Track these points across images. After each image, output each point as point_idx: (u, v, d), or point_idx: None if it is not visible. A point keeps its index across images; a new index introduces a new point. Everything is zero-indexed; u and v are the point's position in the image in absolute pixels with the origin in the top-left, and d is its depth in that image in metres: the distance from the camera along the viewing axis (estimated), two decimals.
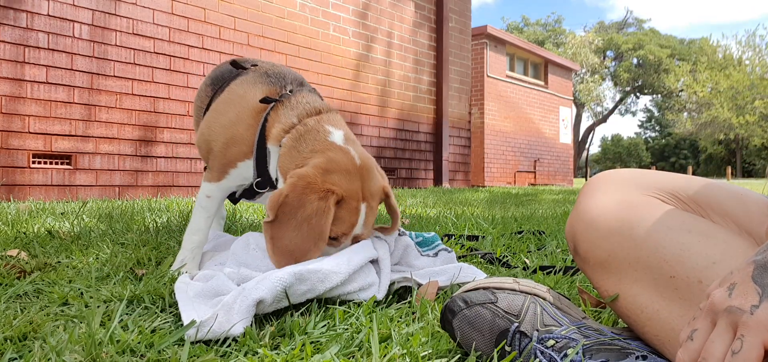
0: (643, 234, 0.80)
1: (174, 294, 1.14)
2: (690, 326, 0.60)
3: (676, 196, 0.84)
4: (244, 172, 1.50)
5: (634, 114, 48.90)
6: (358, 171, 1.34)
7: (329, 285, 1.11)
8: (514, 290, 0.88)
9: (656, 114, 47.85)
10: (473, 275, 1.36)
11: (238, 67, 1.67)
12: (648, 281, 0.79)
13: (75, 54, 4.30)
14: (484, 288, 0.88)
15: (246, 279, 1.18)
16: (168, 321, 1.01)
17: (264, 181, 1.50)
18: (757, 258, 0.56)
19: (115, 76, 4.52)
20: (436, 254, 1.48)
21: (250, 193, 1.59)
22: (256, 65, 1.67)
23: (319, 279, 1.10)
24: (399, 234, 1.46)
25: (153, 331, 0.95)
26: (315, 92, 1.61)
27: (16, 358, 0.84)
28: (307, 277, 1.08)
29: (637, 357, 0.73)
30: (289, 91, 1.53)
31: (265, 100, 1.48)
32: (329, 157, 1.33)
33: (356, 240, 1.35)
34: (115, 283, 1.26)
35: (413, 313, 1.10)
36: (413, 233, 1.58)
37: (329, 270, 1.12)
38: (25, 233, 1.96)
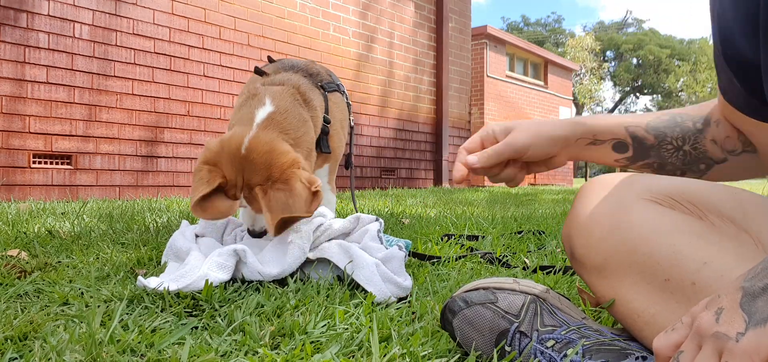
0: (637, 238, 0.80)
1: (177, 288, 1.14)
2: (668, 336, 0.60)
3: (672, 198, 0.84)
4: None
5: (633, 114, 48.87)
6: (239, 161, 1.45)
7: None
8: (514, 290, 0.88)
9: None
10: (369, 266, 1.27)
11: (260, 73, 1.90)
12: (643, 285, 0.79)
13: (75, 54, 4.30)
14: (484, 288, 0.89)
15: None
16: (168, 321, 1.01)
17: None
18: (745, 285, 0.56)
19: (115, 76, 4.52)
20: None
21: None
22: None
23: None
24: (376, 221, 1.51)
25: (153, 331, 0.95)
26: (310, 76, 1.82)
27: (16, 358, 0.84)
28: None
29: (636, 358, 0.74)
30: (269, 59, 1.86)
31: (256, 70, 1.81)
32: (229, 136, 1.50)
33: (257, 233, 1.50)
34: (115, 283, 1.26)
35: (413, 313, 1.10)
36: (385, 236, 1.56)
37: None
38: (25, 233, 1.96)
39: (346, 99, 2.01)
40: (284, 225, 1.38)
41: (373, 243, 1.42)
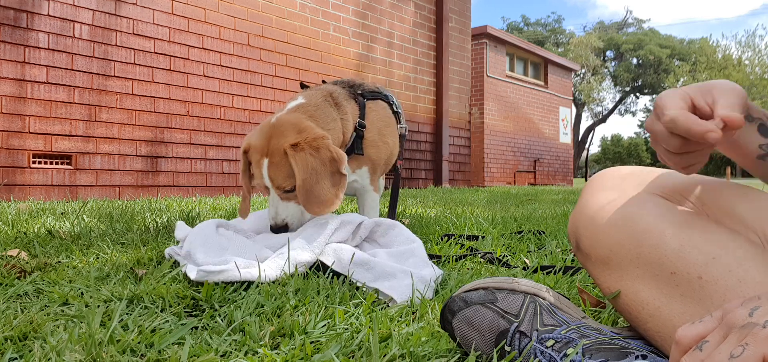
0: (644, 231, 0.80)
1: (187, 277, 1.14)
2: (694, 327, 0.59)
3: (679, 193, 0.85)
4: None
5: (633, 114, 48.77)
6: (268, 130, 1.59)
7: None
8: (514, 290, 0.88)
9: None
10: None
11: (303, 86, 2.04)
12: (649, 278, 0.79)
13: (75, 54, 4.30)
14: (484, 288, 0.89)
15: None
16: (168, 321, 1.01)
17: None
18: None
19: (115, 76, 4.52)
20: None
21: None
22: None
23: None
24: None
25: (153, 331, 0.95)
26: (349, 86, 1.95)
27: (16, 358, 0.84)
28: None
29: (636, 357, 0.73)
30: (323, 82, 1.99)
31: (301, 84, 2.03)
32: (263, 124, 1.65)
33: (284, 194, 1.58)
34: (115, 283, 1.26)
35: (413, 313, 1.10)
36: None
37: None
38: (25, 233, 1.96)
39: (395, 108, 2.08)
40: (309, 195, 1.47)
41: (383, 238, 1.46)
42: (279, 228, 1.59)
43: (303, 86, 1.99)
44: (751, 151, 0.84)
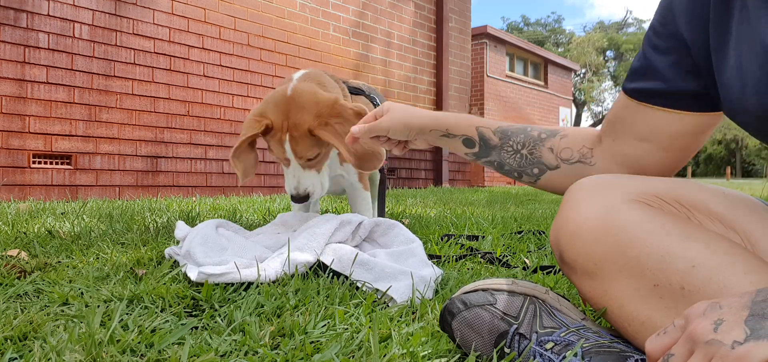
0: (625, 242, 0.79)
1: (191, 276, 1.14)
2: (660, 339, 0.60)
3: (661, 198, 0.84)
4: None
5: None
6: (285, 103, 1.59)
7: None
8: (513, 291, 0.88)
9: None
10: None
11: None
12: (633, 291, 0.78)
13: (75, 54, 4.30)
14: (483, 290, 0.89)
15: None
16: (168, 321, 1.01)
17: None
18: (754, 307, 0.54)
19: (115, 76, 4.52)
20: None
21: None
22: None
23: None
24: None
25: (153, 331, 0.95)
26: (333, 78, 1.95)
27: (16, 358, 0.84)
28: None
29: (635, 361, 0.73)
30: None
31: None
32: (273, 91, 1.66)
33: (307, 163, 1.62)
34: (115, 283, 1.26)
35: (413, 313, 1.10)
36: None
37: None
38: (25, 233, 1.96)
39: (378, 103, 2.10)
40: (358, 159, 1.55)
41: (382, 238, 1.46)
42: (300, 197, 1.63)
43: None
44: (465, 157, 1.22)
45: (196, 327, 1.00)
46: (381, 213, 2.18)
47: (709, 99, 0.89)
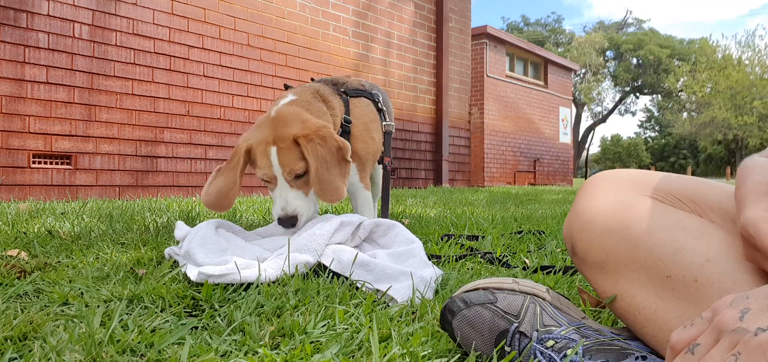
0: (639, 234, 0.80)
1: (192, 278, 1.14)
2: (687, 331, 0.60)
3: (674, 196, 0.85)
4: None
5: (633, 114, 48.82)
6: (269, 122, 1.61)
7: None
8: (514, 290, 0.88)
9: (656, 114, 47.81)
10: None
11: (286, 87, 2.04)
12: (645, 281, 0.79)
13: (75, 54, 4.30)
14: (484, 289, 0.89)
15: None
16: (168, 321, 1.01)
17: None
18: None
19: (115, 76, 4.52)
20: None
21: None
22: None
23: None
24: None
25: (153, 331, 0.95)
26: (333, 84, 1.98)
27: (16, 358, 0.84)
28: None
29: (636, 358, 0.73)
30: (311, 80, 2.01)
31: (285, 86, 1.99)
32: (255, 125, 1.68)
33: (296, 177, 1.59)
34: (115, 283, 1.26)
35: (413, 313, 1.10)
36: None
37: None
38: (25, 233, 1.96)
39: (380, 105, 2.11)
40: (322, 183, 1.52)
41: (382, 238, 1.46)
42: (288, 219, 1.55)
43: (287, 87, 2.03)
44: None
45: (196, 327, 1.00)
46: (385, 212, 2.18)
47: None
